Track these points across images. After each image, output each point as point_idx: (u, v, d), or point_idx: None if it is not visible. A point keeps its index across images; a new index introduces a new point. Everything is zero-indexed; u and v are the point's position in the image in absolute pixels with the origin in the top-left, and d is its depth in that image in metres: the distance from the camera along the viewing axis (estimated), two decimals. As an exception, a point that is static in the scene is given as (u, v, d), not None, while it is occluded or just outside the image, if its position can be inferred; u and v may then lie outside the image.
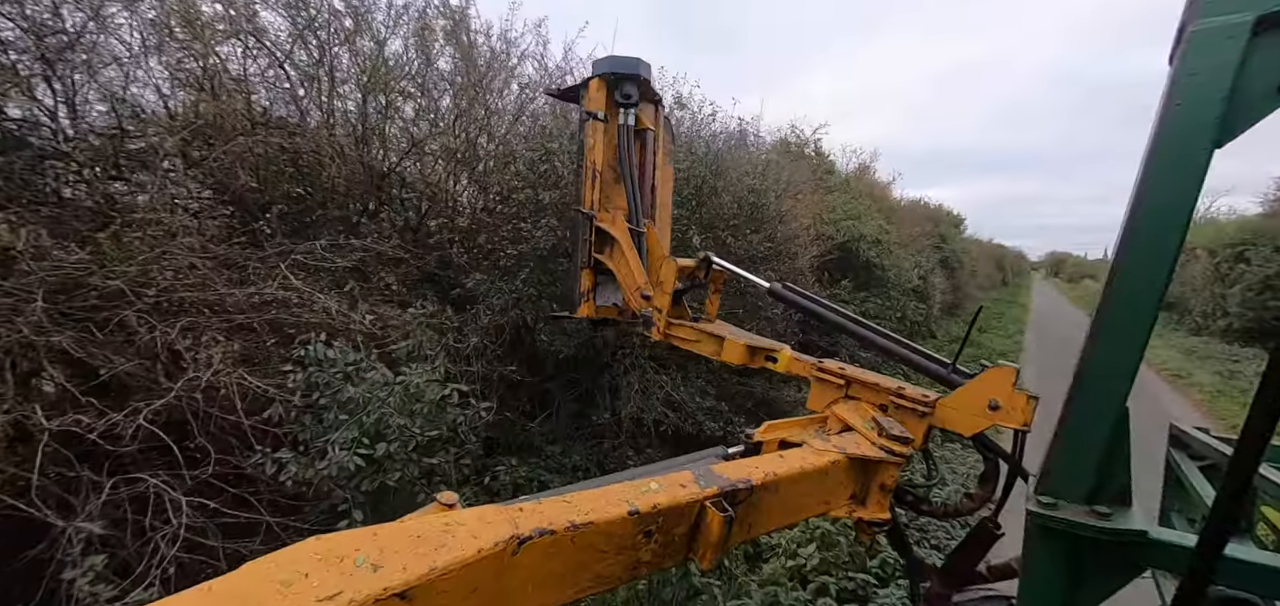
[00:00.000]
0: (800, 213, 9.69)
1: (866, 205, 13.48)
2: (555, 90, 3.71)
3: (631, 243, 2.93)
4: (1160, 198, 1.14)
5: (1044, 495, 1.22)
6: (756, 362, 2.43)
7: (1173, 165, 1.13)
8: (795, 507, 1.57)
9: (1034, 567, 1.26)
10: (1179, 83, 1.13)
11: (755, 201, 7.97)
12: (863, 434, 1.79)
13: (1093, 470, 1.19)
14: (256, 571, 0.77)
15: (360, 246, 5.13)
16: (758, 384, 8.04)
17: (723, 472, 1.36)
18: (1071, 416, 1.21)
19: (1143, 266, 1.14)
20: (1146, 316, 1.14)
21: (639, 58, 3.10)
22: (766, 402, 7.97)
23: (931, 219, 22.72)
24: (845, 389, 2.10)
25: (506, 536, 0.93)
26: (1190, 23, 1.14)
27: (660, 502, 1.18)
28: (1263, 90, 1.10)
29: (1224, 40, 1.11)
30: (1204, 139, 1.10)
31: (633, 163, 3.05)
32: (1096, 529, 1.16)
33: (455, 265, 6.21)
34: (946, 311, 20.42)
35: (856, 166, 17.92)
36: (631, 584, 2.81)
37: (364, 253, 5.15)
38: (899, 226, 16.08)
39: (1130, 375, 1.15)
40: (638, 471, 1.64)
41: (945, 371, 2.04)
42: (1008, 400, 1.78)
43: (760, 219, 8.04)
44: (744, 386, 7.85)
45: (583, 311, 3.17)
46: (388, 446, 3.68)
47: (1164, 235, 1.13)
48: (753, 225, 7.80)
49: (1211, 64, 1.11)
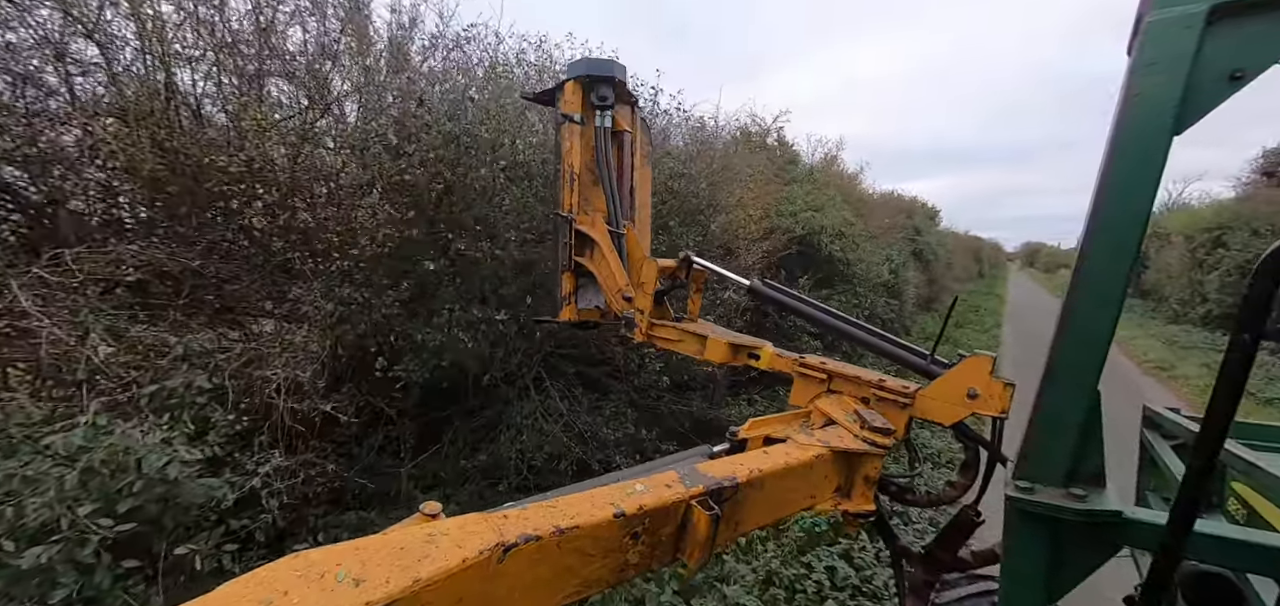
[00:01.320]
0: (749, 204, 8.70)
1: (830, 196, 12.53)
2: (531, 94, 3.69)
3: (612, 244, 2.93)
4: (1122, 187, 1.17)
5: (1022, 480, 1.25)
6: (739, 360, 2.45)
7: (1133, 154, 1.16)
8: (781, 503, 1.58)
9: (1014, 550, 1.29)
10: (1137, 73, 1.17)
11: (678, 188, 6.88)
12: (846, 427, 1.81)
13: (1068, 453, 1.21)
14: (234, 593, 0.75)
15: (124, 254, 3.77)
16: (696, 402, 7.12)
17: (708, 471, 1.36)
18: (1045, 402, 1.24)
19: (1108, 254, 1.18)
20: (1113, 302, 1.18)
21: (614, 60, 3.11)
22: (703, 424, 6.82)
23: (905, 211, 21.91)
24: (827, 383, 2.13)
25: (491, 544, 0.92)
26: (1146, 13, 1.18)
27: (646, 504, 1.18)
28: (1217, 78, 1.13)
29: (1180, 30, 1.14)
30: (1162, 128, 1.14)
31: (610, 165, 3.05)
32: (1073, 510, 1.19)
33: (295, 272, 4.72)
34: (922, 306, 19.70)
35: (822, 157, 16.58)
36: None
37: (140, 262, 3.81)
38: (869, 218, 15.31)
39: (1100, 360, 1.18)
40: (622, 473, 1.64)
41: (924, 362, 2.08)
42: (985, 388, 1.82)
43: (688, 210, 7.00)
44: (681, 407, 6.87)
45: (565, 315, 3.16)
46: (48, 551, 2.42)
47: (1127, 223, 1.16)
48: (679, 218, 6.75)
49: (1168, 54, 1.14)
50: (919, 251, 21.29)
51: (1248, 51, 1.12)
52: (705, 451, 1.85)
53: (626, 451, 5.81)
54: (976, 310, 25.35)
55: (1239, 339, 0.91)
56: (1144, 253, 23.47)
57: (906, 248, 18.82)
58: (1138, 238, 1.17)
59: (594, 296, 3.15)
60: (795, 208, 10.64)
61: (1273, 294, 0.90)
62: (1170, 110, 1.14)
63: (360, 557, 0.83)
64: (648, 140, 3.51)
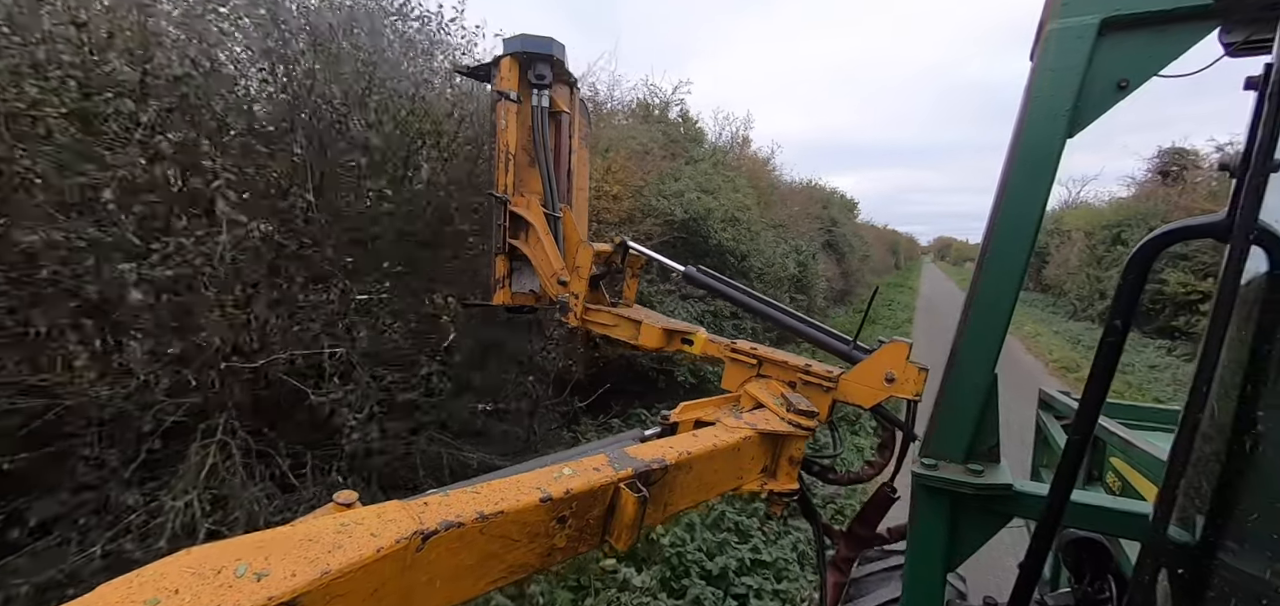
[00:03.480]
0: (608, 184, 7.28)
1: (729, 178, 10.99)
2: (465, 68, 3.54)
3: (547, 227, 2.89)
4: (1021, 184, 1.26)
5: (927, 458, 1.34)
6: (673, 346, 2.48)
7: (1031, 154, 1.25)
8: (709, 484, 1.62)
9: (919, 523, 1.38)
10: (1037, 78, 1.26)
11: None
12: (773, 410, 1.87)
13: (968, 433, 1.31)
14: (113, 594, 0.69)
15: None
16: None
17: (637, 454, 1.37)
18: (949, 386, 1.33)
19: (1006, 249, 1.27)
20: (1010, 294, 1.27)
21: (552, 38, 3.04)
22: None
23: (821, 201, 20.78)
24: (757, 367, 2.19)
25: (409, 532, 0.89)
26: (1047, 23, 1.27)
27: (574, 487, 1.17)
28: (1106, 86, 1.24)
29: (1075, 40, 1.24)
30: (1058, 130, 1.23)
31: (547, 146, 2.99)
32: (970, 484, 1.29)
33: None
34: (835, 300, 18.56)
35: (729, 137, 15.30)
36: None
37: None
38: (780, 206, 14.25)
39: (997, 346, 1.28)
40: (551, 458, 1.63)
41: (848, 348, 2.17)
42: (902, 373, 1.92)
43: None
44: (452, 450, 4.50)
45: (499, 298, 3.09)
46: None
47: (1024, 219, 1.26)
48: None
49: (1064, 61, 1.23)
50: (834, 243, 20.40)
51: (1132, 63, 1.23)
52: (637, 435, 1.86)
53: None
54: (890, 304, 24.47)
55: (1111, 325, 1.00)
56: (1044, 247, 24.95)
57: (819, 239, 17.68)
58: (1034, 231, 1.26)
59: (529, 279, 3.10)
60: (680, 186, 9.02)
61: (1140, 286, 0.99)
62: (1065, 113, 1.23)
63: (263, 551, 0.78)
64: (586, 123, 3.46)
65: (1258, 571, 0.87)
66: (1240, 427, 0.90)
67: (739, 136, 15.61)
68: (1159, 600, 1.08)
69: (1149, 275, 1.05)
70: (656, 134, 10.09)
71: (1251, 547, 0.89)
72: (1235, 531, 0.92)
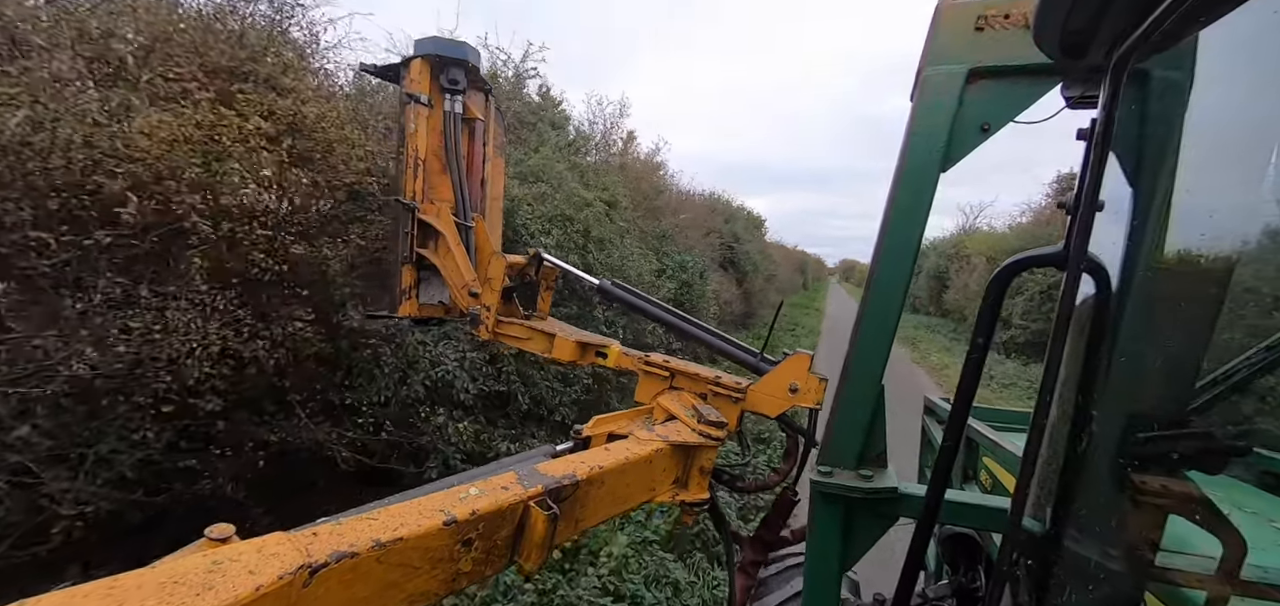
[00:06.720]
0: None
1: (574, 167, 8.99)
2: (372, 67, 3.36)
3: (458, 237, 2.80)
4: (903, 212, 1.39)
5: (823, 465, 1.43)
6: (587, 359, 2.47)
7: (912, 185, 1.38)
8: (622, 497, 1.63)
9: (816, 526, 1.47)
10: (915, 117, 1.39)
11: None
12: (684, 421, 1.92)
13: (859, 440, 1.41)
14: None
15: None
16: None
17: (547, 471, 1.36)
18: (841, 398, 1.42)
19: (891, 271, 1.39)
20: (895, 310, 1.39)
21: (466, 43, 2.97)
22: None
23: (723, 214, 18.64)
24: (670, 380, 2.23)
25: (294, 567, 0.83)
26: (924, 68, 1.41)
27: (480, 508, 1.14)
28: (972, 127, 1.39)
29: (947, 84, 1.38)
30: (933, 163, 1.37)
31: (460, 153, 2.91)
32: (860, 489, 1.39)
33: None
34: (737, 323, 16.30)
35: (604, 125, 12.96)
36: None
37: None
38: (664, 214, 12.44)
39: (884, 359, 1.39)
40: (456, 478, 1.57)
41: (755, 360, 2.26)
42: (804, 383, 2.03)
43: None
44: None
45: (404, 310, 2.95)
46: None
47: (905, 243, 1.38)
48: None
49: (938, 103, 1.38)
50: (735, 260, 18.20)
51: (993, 108, 1.39)
52: (548, 450, 1.84)
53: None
54: (793, 329, 21.90)
55: (975, 342, 1.12)
56: (944, 271, 26.41)
57: (717, 255, 15.59)
58: (914, 253, 1.39)
59: (438, 290, 2.98)
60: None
61: (999, 306, 1.12)
62: (939, 150, 1.37)
63: (116, 598, 0.70)
64: (500, 131, 3.40)
65: (1090, 554, 1.01)
66: (1076, 430, 1.03)
67: (612, 125, 13.21)
68: (1020, 584, 1.21)
69: (1005, 297, 1.19)
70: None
71: (1085, 535, 1.03)
72: (1074, 521, 1.06)
